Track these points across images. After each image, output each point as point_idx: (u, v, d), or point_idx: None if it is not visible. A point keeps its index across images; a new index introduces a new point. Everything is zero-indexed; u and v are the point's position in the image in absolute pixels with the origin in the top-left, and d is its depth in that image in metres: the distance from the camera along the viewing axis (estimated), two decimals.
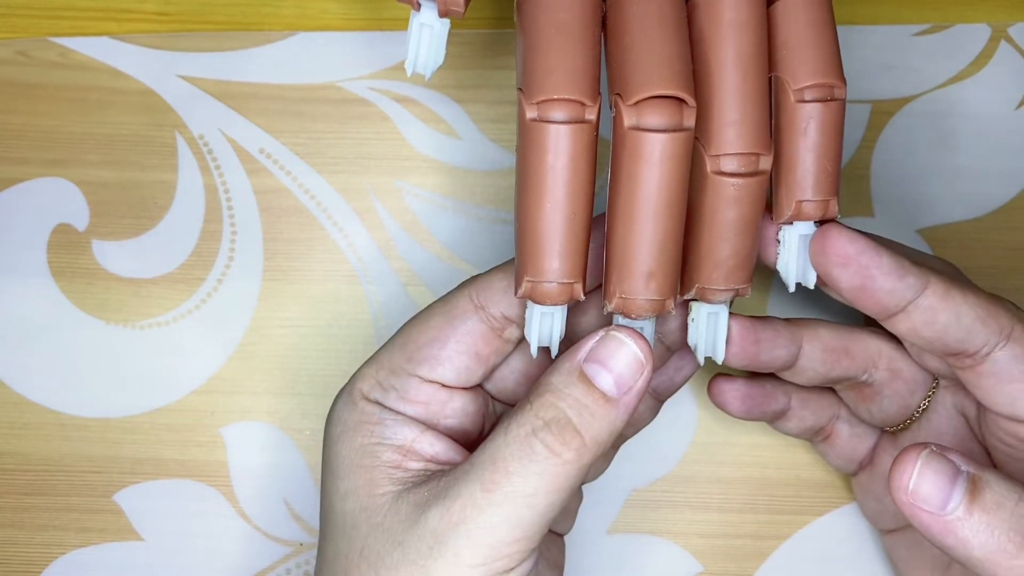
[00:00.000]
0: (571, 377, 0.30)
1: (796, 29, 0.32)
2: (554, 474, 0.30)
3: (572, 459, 0.30)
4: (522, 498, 0.29)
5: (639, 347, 0.30)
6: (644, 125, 0.29)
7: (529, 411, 0.30)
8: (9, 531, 0.41)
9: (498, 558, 0.30)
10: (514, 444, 0.30)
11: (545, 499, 0.30)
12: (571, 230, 0.30)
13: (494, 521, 0.29)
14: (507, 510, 0.29)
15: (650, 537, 0.40)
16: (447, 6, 0.30)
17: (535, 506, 0.30)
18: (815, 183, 0.32)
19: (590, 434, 0.30)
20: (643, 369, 0.30)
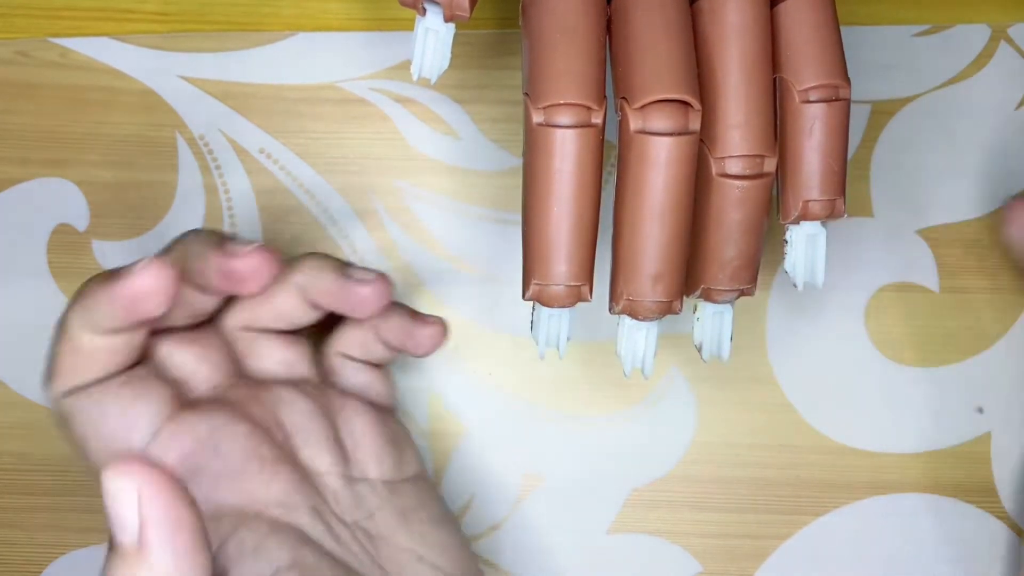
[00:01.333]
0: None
1: (800, 30, 0.32)
2: None
3: None
4: None
5: (128, 475, 0.26)
6: (650, 129, 0.29)
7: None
8: (9, 531, 0.41)
9: None
10: None
11: None
12: (578, 233, 0.30)
13: None
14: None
15: (650, 537, 0.40)
16: (452, 11, 0.30)
17: None
18: (821, 183, 0.32)
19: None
20: (134, 496, 0.26)
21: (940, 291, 0.40)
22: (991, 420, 0.40)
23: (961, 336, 0.40)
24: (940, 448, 0.40)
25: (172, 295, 0.30)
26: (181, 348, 0.34)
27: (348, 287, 0.34)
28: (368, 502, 0.35)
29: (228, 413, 0.33)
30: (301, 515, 0.33)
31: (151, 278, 0.30)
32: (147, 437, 0.32)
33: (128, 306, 0.30)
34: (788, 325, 0.40)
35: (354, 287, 0.34)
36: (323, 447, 0.35)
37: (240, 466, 0.33)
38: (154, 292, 0.30)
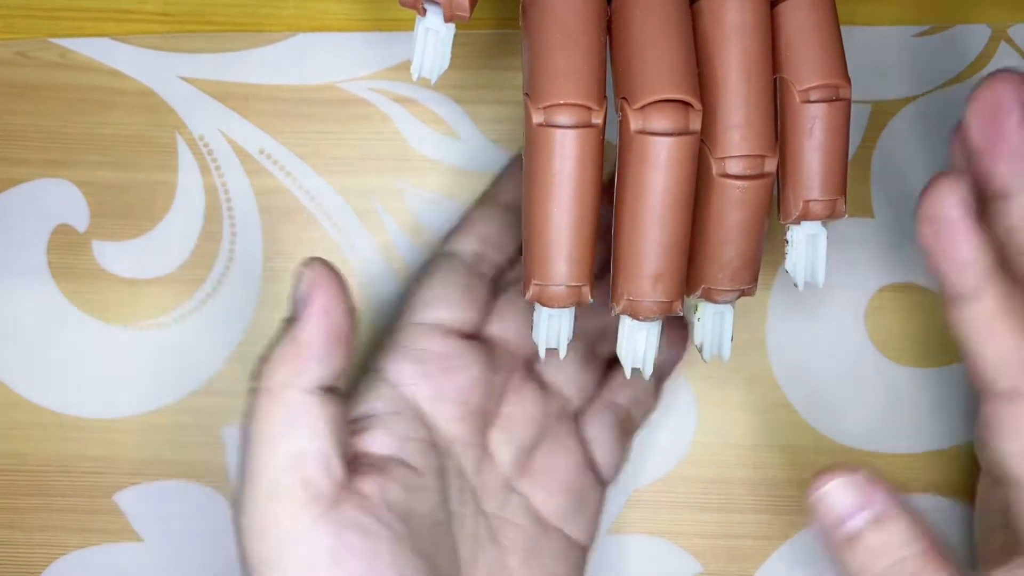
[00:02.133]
0: None
1: (800, 30, 0.32)
2: (272, 402, 0.32)
3: (271, 384, 0.31)
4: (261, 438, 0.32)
5: (310, 266, 0.32)
6: (650, 129, 0.29)
7: None
8: (9, 531, 0.41)
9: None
10: None
11: (278, 430, 0.31)
12: (578, 234, 0.30)
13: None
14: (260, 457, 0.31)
15: (650, 537, 0.40)
16: (452, 11, 0.30)
17: (274, 439, 0.31)
18: (822, 182, 0.32)
19: (275, 355, 0.32)
20: (305, 282, 0.32)
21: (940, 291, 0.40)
22: None
23: None
24: (940, 448, 0.40)
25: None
26: (516, 304, 0.37)
27: None
28: (512, 514, 0.36)
29: (479, 355, 0.36)
30: (451, 461, 0.35)
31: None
32: (433, 318, 0.36)
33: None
34: (788, 325, 0.40)
35: None
36: (513, 447, 0.36)
37: (451, 391, 0.35)
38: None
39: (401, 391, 0.35)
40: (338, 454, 0.31)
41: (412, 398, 0.35)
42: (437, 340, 0.35)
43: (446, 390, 0.35)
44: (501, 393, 0.36)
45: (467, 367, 0.35)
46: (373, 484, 0.32)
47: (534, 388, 0.37)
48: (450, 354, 0.35)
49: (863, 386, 0.40)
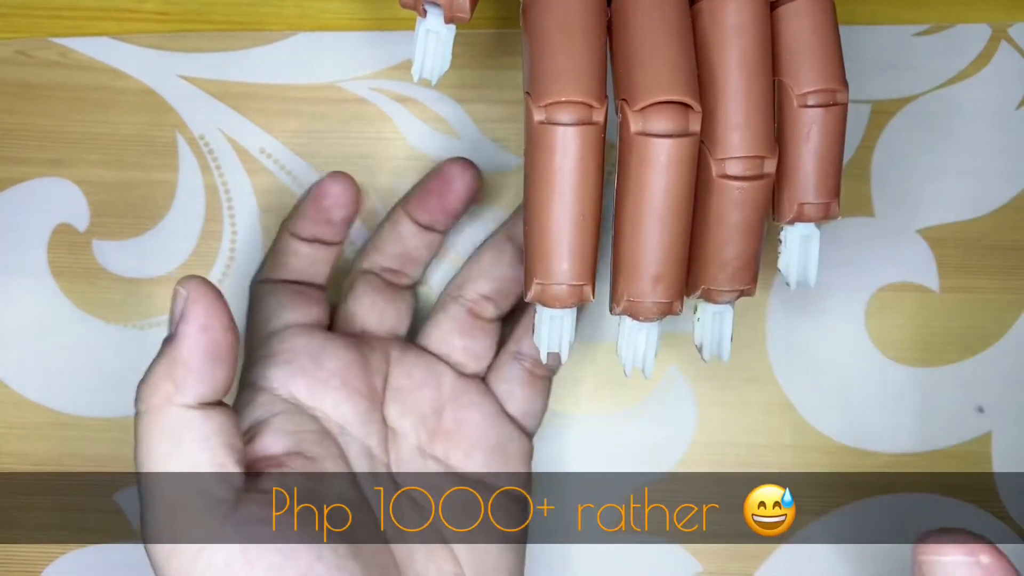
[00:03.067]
0: None
1: (800, 34, 0.32)
2: (155, 423, 0.31)
3: (152, 404, 0.31)
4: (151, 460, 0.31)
5: (186, 283, 0.31)
6: (650, 130, 0.29)
7: None
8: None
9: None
10: None
11: (165, 449, 0.31)
12: (580, 232, 0.30)
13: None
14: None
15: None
16: (453, 12, 0.30)
17: (164, 459, 0.31)
18: (817, 186, 0.32)
19: (157, 374, 0.31)
20: (183, 299, 0.31)
21: (940, 291, 0.40)
22: (991, 420, 0.40)
23: (961, 336, 0.40)
24: (940, 448, 0.40)
25: (353, 201, 0.38)
26: (362, 300, 0.38)
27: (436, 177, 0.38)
28: (431, 479, 0.36)
29: (347, 340, 0.37)
30: (351, 444, 0.35)
31: (338, 184, 0.38)
32: (283, 323, 0.37)
33: (321, 207, 0.38)
34: (788, 325, 0.40)
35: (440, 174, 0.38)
36: (414, 415, 0.37)
37: (325, 377, 0.35)
38: (341, 195, 0.38)
39: (278, 393, 0.35)
40: (233, 460, 0.31)
41: (291, 396, 0.35)
42: (297, 338, 0.36)
43: (321, 377, 0.35)
44: (384, 369, 0.37)
45: (335, 352, 0.36)
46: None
47: (417, 355, 0.38)
48: (314, 345, 0.36)
49: (863, 386, 0.40)
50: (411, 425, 0.36)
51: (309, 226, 0.38)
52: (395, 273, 0.39)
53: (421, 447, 0.36)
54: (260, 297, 0.38)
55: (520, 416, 0.38)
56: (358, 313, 0.38)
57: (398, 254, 0.39)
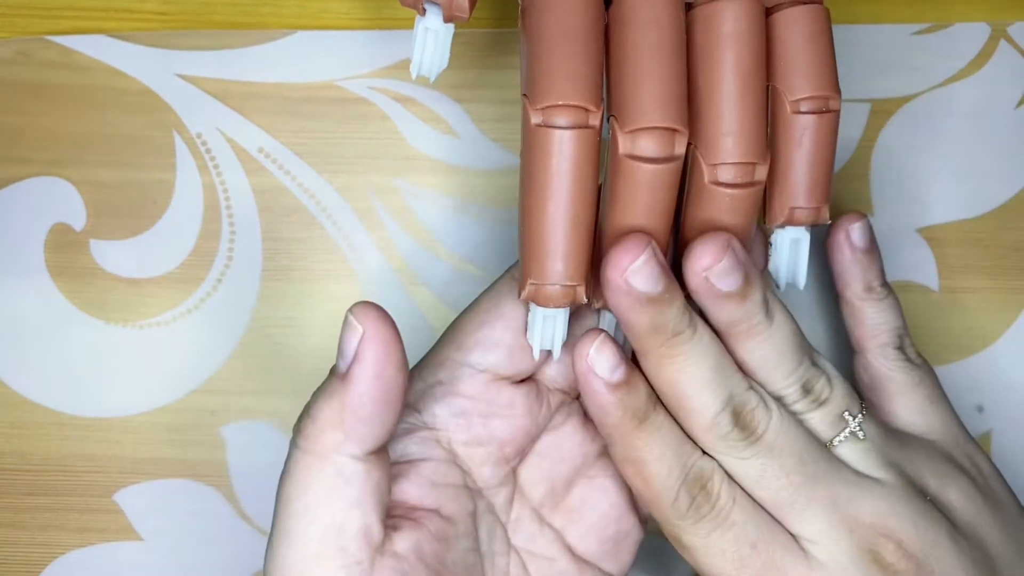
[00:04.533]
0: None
1: (793, 41, 0.32)
2: (305, 469, 0.30)
3: (307, 448, 0.30)
4: (302, 512, 0.30)
5: (360, 316, 0.30)
6: (638, 153, 0.30)
7: None
8: (9, 531, 0.41)
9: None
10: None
11: (308, 506, 0.30)
12: (574, 233, 0.30)
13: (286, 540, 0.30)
14: (292, 524, 0.30)
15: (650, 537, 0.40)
16: (451, 11, 0.30)
17: (311, 520, 0.30)
18: (808, 191, 0.33)
19: (322, 415, 0.30)
20: (358, 335, 0.29)
21: (940, 290, 0.40)
22: (991, 419, 0.40)
23: (961, 336, 0.40)
24: None
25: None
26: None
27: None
28: (544, 549, 0.35)
29: (524, 404, 0.34)
30: (481, 502, 0.34)
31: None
32: (479, 363, 0.34)
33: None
34: None
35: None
36: (545, 483, 0.35)
37: (487, 441, 0.34)
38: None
39: (438, 436, 0.33)
40: (378, 518, 0.30)
41: (447, 442, 0.33)
42: (484, 386, 0.33)
43: (484, 439, 0.34)
44: (538, 433, 0.35)
45: (510, 416, 0.34)
46: (407, 542, 0.31)
47: (575, 426, 0.35)
48: (495, 402, 0.34)
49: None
50: (540, 493, 0.35)
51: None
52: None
53: (541, 515, 0.35)
54: (497, 302, 0.34)
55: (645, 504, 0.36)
56: (552, 368, 0.35)
57: None
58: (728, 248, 0.31)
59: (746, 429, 0.32)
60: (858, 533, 0.32)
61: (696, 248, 0.31)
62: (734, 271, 0.31)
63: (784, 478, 0.32)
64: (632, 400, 0.32)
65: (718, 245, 0.31)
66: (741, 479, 0.32)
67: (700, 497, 0.32)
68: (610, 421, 0.32)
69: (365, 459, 0.30)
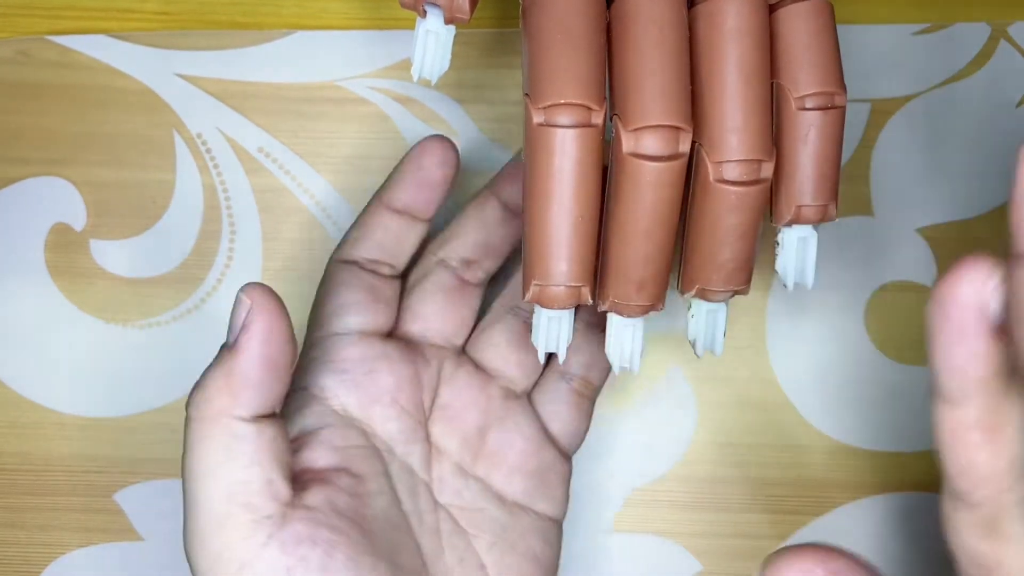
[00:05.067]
0: None
1: (798, 37, 0.32)
2: (209, 433, 0.31)
3: (198, 416, 0.31)
4: (201, 469, 0.31)
5: (249, 291, 0.31)
6: (641, 151, 0.29)
7: None
8: (9, 531, 0.41)
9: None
10: None
11: (217, 460, 0.31)
12: (578, 233, 0.30)
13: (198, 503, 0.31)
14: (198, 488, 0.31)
15: (650, 537, 0.40)
16: (452, 13, 0.30)
17: (215, 470, 0.31)
18: (814, 188, 0.32)
19: (208, 384, 0.31)
20: (245, 308, 0.31)
21: None
22: None
23: None
24: None
25: (454, 161, 0.37)
26: (429, 301, 0.37)
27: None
28: (471, 501, 0.36)
29: (403, 353, 0.36)
30: (394, 461, 0.35)
31: (438, 142, 0.37)
32: (346, 326, 0.36)
33: (422, 165, 0.37)
34: (788, 325, 0.40)
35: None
36: (458, 435, 0.36)
37: (377, 394, 0.35)
38: (440, 152, 0.37)
39: (330, 403, 0.35)
40: (281, 475, 0.31)
41: (342, 408, 0.35)
42: (355, 346, 0.35)
43: (373, 393, 0.35)
44: (435, 386, 0.36)
45: (391, 367, 0.35)
46: (319, 496, 0.32)
47: (468, 373, 0.37)
48: (371, 357, 0.35)
49: (863, 385, 0.40)
50: (455, 445, 0.36)
51: (405, 192, 0.37)
52: (471, 266, 0.37)
53: (462, 467, 0.36)
54: (333, 280, 0.37)
55: (562, 438, 0.37)
56: (421, 315, 0.37)
57: (480, 242, 0.38)
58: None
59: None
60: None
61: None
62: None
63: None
64: (1007, 355, 0.26)
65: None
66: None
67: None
68: (979, 374, 0.26)
69: (256, 420, 0.31)
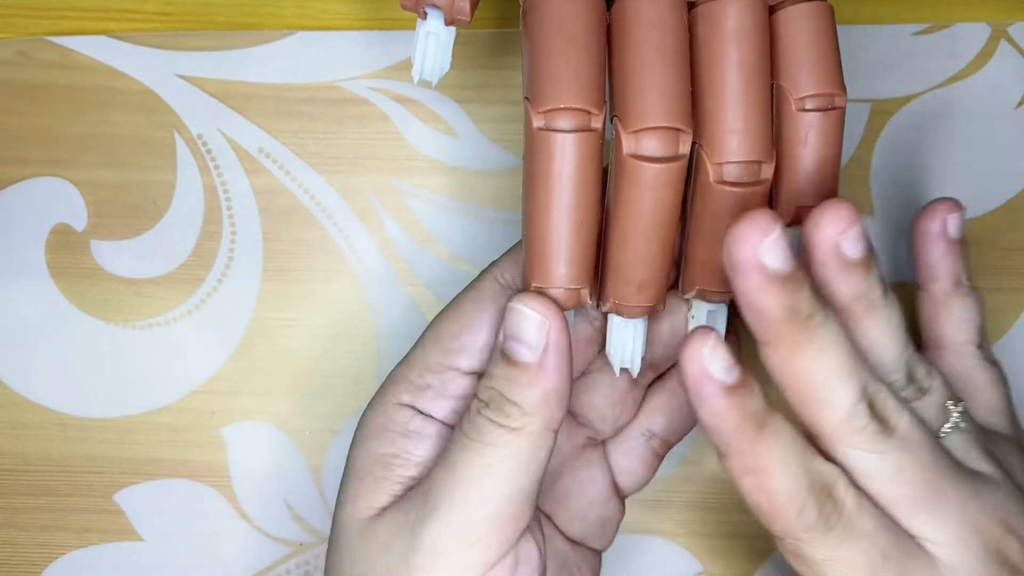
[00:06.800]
0: (496, 358, 0.31)
1: (798, 38, 0.32)
2: (507, 446, 0.30)
3: (517, 427, 0.30)
4: (483, 477, 0.30)
5: (540, 309, 0.30)
6: (642, 153, 0.29)
7: (473, 403, 0.31)
8: (9, 531, 0.41)
9: (471, 543, 0.30)
10: (467, 430, 0.31)
11: (505, 475, 0.30)
12: (578, 236, 0.30)
13: (463, 505, 0.30)
14: (472, 492, 0.30)
15: (650, 537, 0.40)
16: (453, 15, 0.30)
17: (497, 485, 0.30)
18: (814, 189, 0.32)
19: (526, 401, 0.30)
20: (545, 326, 0.30)
21: None
22: None
23: None
24: None
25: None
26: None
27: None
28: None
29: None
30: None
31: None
32: (472, 366, 0.34)
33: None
34: None
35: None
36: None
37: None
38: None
39: (439, 429, 0.34)
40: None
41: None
42: (473, 386, 0.34)
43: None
44: None
45: None
46: None
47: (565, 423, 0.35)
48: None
49: None
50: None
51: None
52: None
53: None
54: (469, 302, 0.34)
55: (627, 489, 0.37)
56: None
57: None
58: (858, 213, 0.29)
59: (883, 421, 0.30)
60: (986, 533, 0.30)
61: (823, 214, 0.29)
62: (861, 237, 0.30)
63: (920, 473, 0.30)
64: (751, 403, 0.29)
65: (848, 210, 0.29)
66: (872, 478, 0.30)
67: (828, 506, 0.29)
68: (728, 428, 0.29)
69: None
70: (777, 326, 0.29)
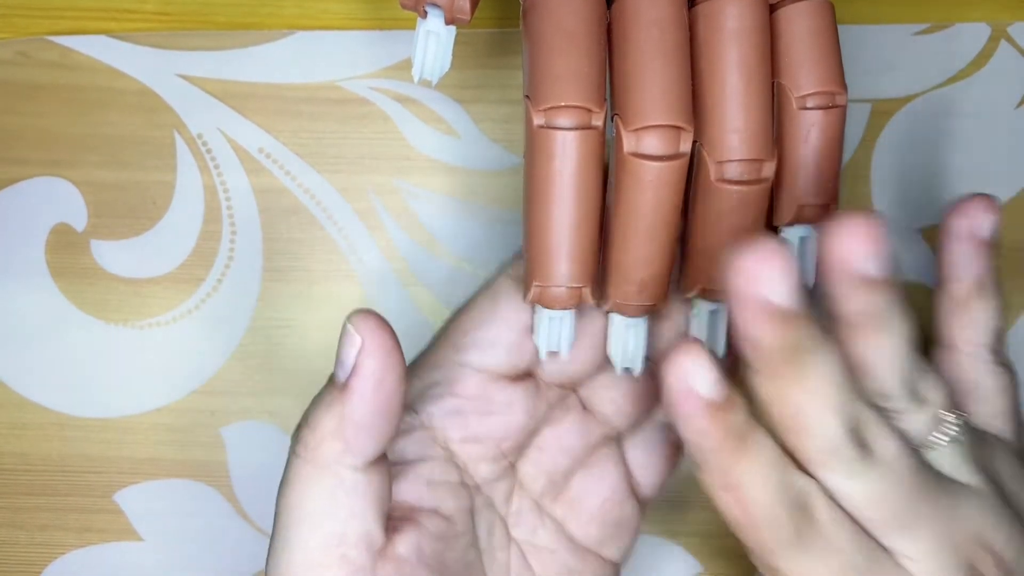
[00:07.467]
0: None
1: (798, 36, 0.32)
2: (299, 479, 0.30)
3: (304, 456, 0.30)
4: (293, 513, 0.30)
5: (361, 327, 0.29)
6: (642, 151, 0.29)
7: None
8: (9, 531, 0.41)
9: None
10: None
11: (320, 508, 0.29)
12: (579, 234, 0.30)
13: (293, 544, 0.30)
14: (297, 531, 0.30)
15: (650, 537, 0.40)
16: (453, 14, 0.30)
17: (300, 529, 0.30)
18: (816, 188, 0.32)
19: (321, 425, 0.29)
20: (357, 346, 0.29)
21: None
22: None
23: None
24: None
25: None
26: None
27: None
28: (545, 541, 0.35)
29: (524, 403, 0.34)
30: (479, 497, 0.34)
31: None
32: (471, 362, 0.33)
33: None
34: None
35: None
36: (547, 477, 0.35)
37: (484, 439, 0.34)
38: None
39: (435, 435, 0.33)
40: (379, 523, 0.30)
41: (444, 440, 0.33)
42: (482, 385, 0.33)
43: (481, 435, 0.33)
44: (539, 427, 0.35)
45: (507, 415, 0.34)
46: (408, 544, 0.31)
47: (575, 418, 0.35)
48: (493, 400, 0.33)
49: None
50: (540, 484, 0.35)
51: None
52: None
53: (541, 505, 0.35)
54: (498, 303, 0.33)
55: (644, 488, 0.36)
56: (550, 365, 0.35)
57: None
58: (881, 228, 0.28)
59: (864, 446, 0.29)
60: (961, 548, 0.30)
61: (846, 227, 0.28)
62: (881, 256, 0.28)
63: (897, 496, 0.29)
64: (733, 420, 0.28)
65: (873, 225, 0.27)
66: (849, 497, 0.29)
67: (804, 521, 0.29)
68: (708, 444, 0.28)
69: (365, 469, 0.29)
70: (772, 358, 0.28)
